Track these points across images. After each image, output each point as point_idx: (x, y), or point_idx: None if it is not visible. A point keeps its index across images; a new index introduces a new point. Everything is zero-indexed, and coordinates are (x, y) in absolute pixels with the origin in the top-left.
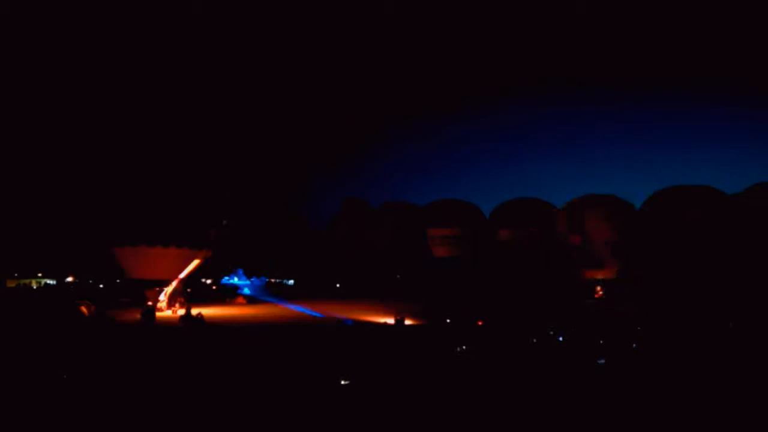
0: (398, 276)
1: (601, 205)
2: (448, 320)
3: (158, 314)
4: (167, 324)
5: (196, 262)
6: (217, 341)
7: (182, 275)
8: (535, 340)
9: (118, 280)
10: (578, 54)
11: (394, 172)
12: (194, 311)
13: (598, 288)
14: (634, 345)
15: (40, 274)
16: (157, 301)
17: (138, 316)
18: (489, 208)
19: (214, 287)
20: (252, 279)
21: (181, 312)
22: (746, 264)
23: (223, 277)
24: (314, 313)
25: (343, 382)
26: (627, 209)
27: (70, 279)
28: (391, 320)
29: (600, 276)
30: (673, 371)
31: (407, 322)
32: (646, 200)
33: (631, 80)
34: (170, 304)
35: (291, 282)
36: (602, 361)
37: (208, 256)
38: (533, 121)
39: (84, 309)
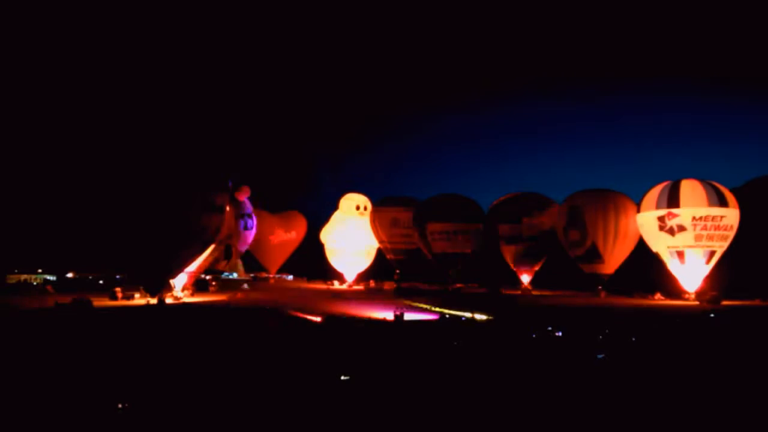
0: (398, 271)
1: (601, 200)
2: (447, 315)
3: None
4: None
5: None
6: (216, 335)
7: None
8: (534, 336)
9: (117, 276)
10: (578, 50)
11: (393, 166)
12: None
13: (600, 287)
14: (633, 338)
15: (40, 270)
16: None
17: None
18: (488, 203)
19: (213, 282)
20: (251, 275)
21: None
22: (746, 257)
23: (222, 272)
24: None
25: (342, 378)
26: (626, 204)
27: (70, 275)
28: (390, 315)
29: (600, 271)
30: (672, 367)
31: (406, 317)
32: (644, 194)
33: (630, 75)
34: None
35: (290, 277)
36: (601, 356)
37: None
38: (533, 115)
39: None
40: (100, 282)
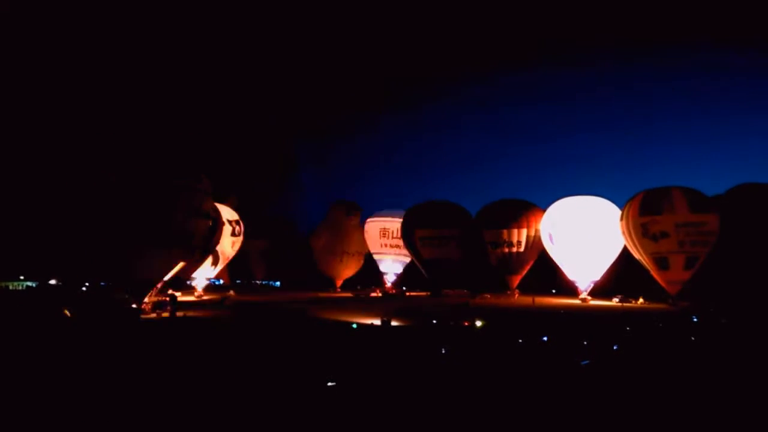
0: (386, 276)
1: (584, 207)
2: (434, 321)
3: (143, 316)
4: (153, 325)
5: (181, 264)
6: (201, 343)
7: (167, 277)
8: (521, 341)
9: (102, 283)
10: (567, 51)
11: (383, 173)
12: (179, 313)
13: (581, 291)
14: (615, 347)
15: (22, 277)
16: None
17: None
18: (475, 209)
19: (199, 289)
20: (237, 281)
21: (165, 315)
22: (729, 265)
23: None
24: None
25: (329, 384)
26: (609, 210)
27: (53, 282)
28: (377, 321)
29: (585, 277)
30: (656, 372)
31: (394, 323)
32: (627, 201)
33: (619, 81)
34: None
35: (277, 284)
36: (586, 362)
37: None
38: (523, 122)
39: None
40: (83, 289)
